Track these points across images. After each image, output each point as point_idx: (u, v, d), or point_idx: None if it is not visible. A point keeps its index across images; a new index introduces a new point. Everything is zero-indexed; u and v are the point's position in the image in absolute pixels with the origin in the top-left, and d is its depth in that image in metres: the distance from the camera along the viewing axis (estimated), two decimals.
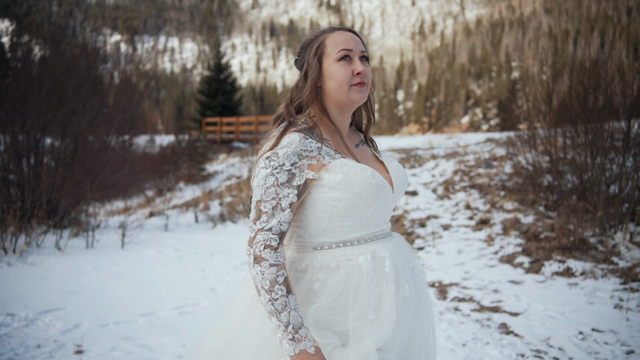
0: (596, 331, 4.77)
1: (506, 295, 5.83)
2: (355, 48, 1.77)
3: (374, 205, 1.73)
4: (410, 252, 1.90)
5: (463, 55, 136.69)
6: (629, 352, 4.32)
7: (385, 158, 1.94)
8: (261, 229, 1.62)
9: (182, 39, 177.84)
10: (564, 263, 6.70)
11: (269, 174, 1.62)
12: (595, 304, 5.46)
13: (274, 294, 1.57)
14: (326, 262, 1.71)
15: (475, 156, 12.88)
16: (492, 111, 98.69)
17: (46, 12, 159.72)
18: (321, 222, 1.71)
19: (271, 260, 1.60)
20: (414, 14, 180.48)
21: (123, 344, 4.12)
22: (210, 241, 8.36)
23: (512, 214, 8.78)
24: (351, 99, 1.76)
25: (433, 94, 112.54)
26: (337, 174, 1.67)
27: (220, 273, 6.47)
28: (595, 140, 8.10)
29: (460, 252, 7.53)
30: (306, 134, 1.70)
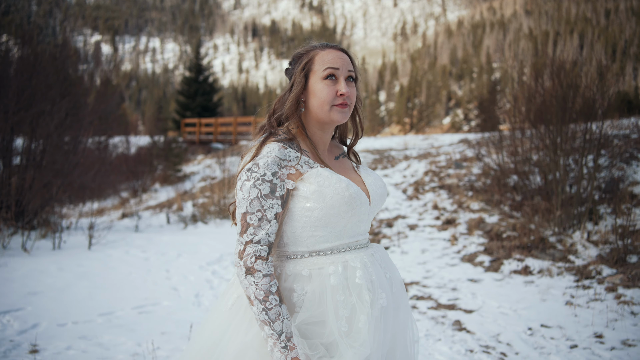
0: (544, 327, 4.92)
1: (463, 293, 5.97)
2: (342, 67, 1.80)
3: (347, 217, 1.74)
4: (387, 262, 1.90)
5: (444, 57, 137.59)
6: (572, 347, 4.48)
7: (362, 171, 1.96)
8: (250, 241, 1.65)
9: (164, 39, 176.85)
10: (523, 262, 6.87)
11: (252, 186, 1.65)
12: (547, 301, 5.63)
13: (268, 303, 1.61)
14: (298, 270, 1.73)
15: (447, 157, 13.07)
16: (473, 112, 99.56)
17: (25, 12, 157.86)
18: (295, 231, 1.74)
19: (264, 270, 1.63)
20: (395, 15, 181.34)
21: (79, 343, 4.18)
22: (179, 242, 8.42)
23: (478, 214, 8.95)
24: (332, 118, 1.79)
25: (415, 94, 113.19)
26: (311, 184, 1.70)
27: (185, 273, 6.53)
28: (561, 142, 8.29)
29: (424, 252, 7.67)
30: (285, 143, 1.73)
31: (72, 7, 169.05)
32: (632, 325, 4.81)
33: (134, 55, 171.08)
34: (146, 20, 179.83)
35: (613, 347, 4.41)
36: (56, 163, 8.77)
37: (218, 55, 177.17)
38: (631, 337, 4.54)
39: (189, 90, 35.92)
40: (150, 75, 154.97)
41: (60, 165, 8.75)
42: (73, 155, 9.17)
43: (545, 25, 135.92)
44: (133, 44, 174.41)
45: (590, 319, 5.00)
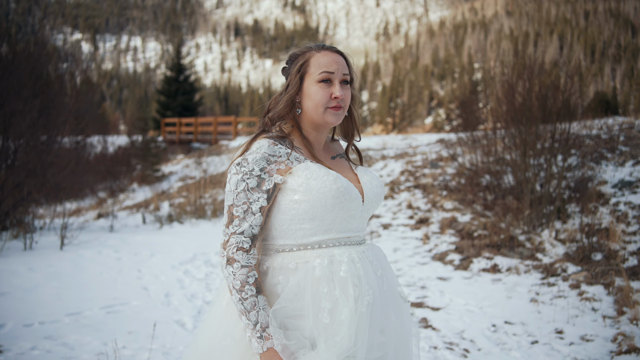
0: (508, 323, 5.02)
1: (432, 291, 6.06)
2: (337, 71, 1.82)
3: (335, 210, 1.75)
4: (381, 261, 1.89)
5: (427, 57, 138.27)
6: (533, 342, 4.58)
7: (360, 170, 1.98)
8: (234, 233, 1.69)
9: (145, 38, 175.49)
10: (492, 260, 6.98)
11: (239, 180, 1.70)
12: (513, 298, 5.73)
13: (244, 293, 1.65)
14: (285, 264, 1.75)
15: (423, 157, 13.18)
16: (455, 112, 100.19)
17: (3, 9, 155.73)
18: (283, 224, 1.77)
19: (243, 261, 1.67)
20: (378, 15, 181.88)
21: (44, 343, 4.18)
22: (153, 242, 8.41)
23: (451, 213, 9.06)
24: (326, 120, 1.82)
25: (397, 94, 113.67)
26: (299, 177, 1.73)
27: (156, 273, 6.54)
28: (532, 142, 8.42)
29: (396, 251, 7.75)
30: (276, 140, 1.77)
31: (51, 5, 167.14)
32: (592, 321, 4.93)
33: (115, 54, 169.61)
34: (127, 19, 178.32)
35: (572, 343, 4.51)
36: (29, 163, 8.71)
37: (200, 54, 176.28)
38: (590, 333, 4.65)
39: (169, 90, 35.75)
40: (132, 75, 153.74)
41: (33, 165, 8.70)
42: (47, 155, 9.12)
43: (525, 26, 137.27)
44: (114, 43, 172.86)
45: (552, 316, 5.11)
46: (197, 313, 5.19)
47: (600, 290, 5.63)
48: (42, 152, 8.99)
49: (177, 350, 4.20)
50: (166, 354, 4.09)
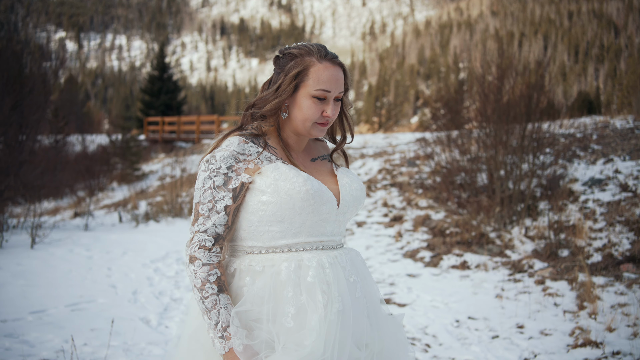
0: (471, 319, 5.09)
1: (400, 287, 6.11)
2: (334, 90, 1.75)
3: (305, 213, 1.70)
4: (356, 267, 1.82)
5: (412, 56, 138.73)
6: (494, 337, 4.65)
7: (340, 172, 1.90)
8: (198, 231, 1.67)
9: (130, 36, 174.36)
10: (461, 257, 7.05)
11: (207, 177, 1.67)
12: (479, 294, 5.80)
13: (204, 292, 1.62)
14: (252, 266, 1.72)
15: (402, 155, 13.26)
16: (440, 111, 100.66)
17: None
18: (251, 225, 1.73)
19: (204, 259, 1.64)
20: (364, 14, 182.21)
21: (3, 341, 4.17)
22: (127, 240, 8.40)
23: (425, 211, 9.13)
24: (310, 133, 1.78)
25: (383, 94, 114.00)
26: (268, 177, 1.68)
27: (126, 271, 6.54)
28: (505, 141, 8.51)
29: (368, 248, 7.81)
30: (248, 138, 1.72)
31: (34, 3, 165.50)
32: (553, 315, 5.01)
33: (99, 53, 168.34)
34: (112, 17, 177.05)
35: (531, 337, 4.59)
36: (0, 161, 8.65)
37: (186, 53, 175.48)
38: (549, 327, 4.73)
39: (152, 89, 35.57)
40: (117, 73, 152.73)
41: (4, 163, 8.64)
42: (19, 154, 9.06)
43: (510, 26, 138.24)
44: (99, 41, 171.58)
45: (515, 311, 5.18)
46: (164, 310, 5.20)
47: (564, 285, 5.72)
48: (14, 151, 8.93)
49: (139, 347, 4.21)
50: (127, 351, 4.10)
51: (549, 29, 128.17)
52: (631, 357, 4.01)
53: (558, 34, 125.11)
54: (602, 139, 10.72)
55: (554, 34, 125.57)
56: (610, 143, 10.22)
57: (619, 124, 12.70)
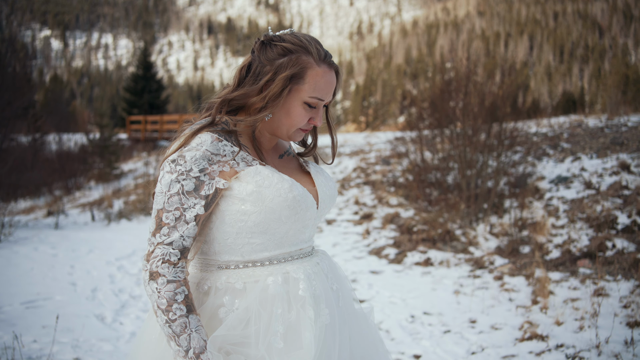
0: (426, 314, 5.14)
1: (361, 284, 6.16)
2: (328, 98, 1.60)
3: (290, 222, 1.53)
4: (334, 272, 1.70)
5: (400, 56, 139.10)
6: (445, 332, 4.70)
7: (312, 169, 1.73)
8: (161, 243, 1.43)
9: (117, 35, 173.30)
10: (425, 254, 7.11)
11: (173, 180, 1.43)
12: (437, 290, 5.86)
13: (171, 314, 1.40)
14: (231, 283, 1.52)
15: (377, 154, 13.32)
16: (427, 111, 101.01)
17: None
18: (227, 237, 1.52)
19: (169, 276, 1.42)
20: (352, 14, 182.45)
21: None
22: (95, 238, 8.38)
23: (395, 209, 9.19)
24: (291, 137, 1.63)
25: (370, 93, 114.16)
26: (248, 183, 1.48)
27: (89, 268, 6.53)
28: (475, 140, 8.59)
29: (335, 245, 7.84)
30: (221, 135, 1.51)
31: (19, 1, 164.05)
32: (506, 310, 5.07)
33: (85, 52, 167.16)
34: (98, 16, 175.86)
35: (482, 331, 4.65)
36: None
37: (173, 52, 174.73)
38: (500, 322, 4.79)
39: (135, 88, 35.44)
40: (103, 72, 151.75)
41: None
42: None
43: (497, 26, 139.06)
44: (84, 40, 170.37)
45: (469, 306, 5.24)
46: (121, 307, 5.21)
47: (521, 281, 5.79)
48: None
49: (89, 343, 4.22)
50: (75, 347, 4.11)
51: (535, 30, 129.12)
52: (573, 349, 4.08)
53: (544, 35, 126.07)
54: (572, 138, 10.85)
55: (539, 35, 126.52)
56: (579, 142, 10.34)
57: (592, 123, 12.86)
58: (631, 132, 10.16)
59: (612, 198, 7.24)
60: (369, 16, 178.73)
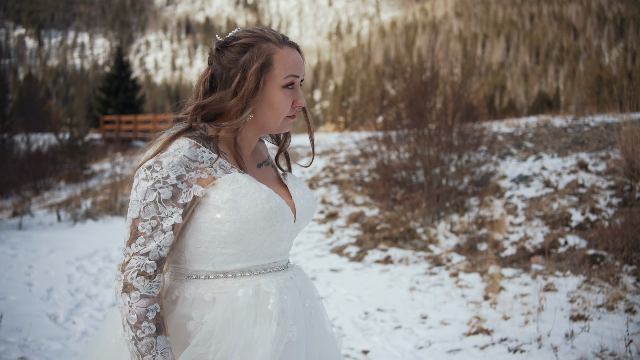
0: (380, 311, 5.21)
1: (320, 282, 6.21)
2: (301, 75, 1.54)
3: (265, 234, 1.48)
4: (308, 288, 1.64)
5: (378, 56, 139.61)
6: (396, 328, 4.78)
7: (290, 181, 1.68)
8: (136, 253, 1.38)
9: (93, 34, 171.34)
10: (386, 252, 7.20)
11: (149, 188, 1.38)
12: (394, 287, 5.94)
13: (139, 332, 1.35)
14: (200, 294, 1.46)
15: (347, 154, 13.40)
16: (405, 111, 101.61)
17: None
18: (199, 246, 1.47)
19: (143, 290, 1.37)
20: (330, 14, 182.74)
21: None
22: (57, 238, 8.32)
23: (360, 208, 9.27)
24: (280, 129, 1.57)
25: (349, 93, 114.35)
26: (225, 191, 1.43)
27: (47, 268, 6.49)
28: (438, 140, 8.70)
29: (298, 244, 7.89)
30: (199, 141, 1.46)
31: None
32: (458, 306, 5.17)
33: (61, 51, 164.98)
34: (74, 14, 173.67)
35: (431, 327, 4.73)
36: None
37: (150, 52, 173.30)
38: (450, 317, 4.88)
39: (110, 87, 35.13)
40: (79, 72, 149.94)
41: None
42: None
43: (474, 27, 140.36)
44: (60, 39, 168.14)
45: (422, 302, 5.33)
46: (75, 307, 5.20)
47: (476, 278, 5.90)
48: None
49: (38, 343, 4.21)
50: (23, 347, 4.10)
51: (511, 31, 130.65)
52: (516, 342, 4.18)
53: (520, 36, 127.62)
54: (536, 137, 11.04)
55: (516, 36, 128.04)
56: (542, 141, 10.53)
57: (558, 123, 13.09)
58: (592, 132, 10.37)
59: (569, 196, 7.40)
60: (347, 16, 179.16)
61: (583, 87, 54.51)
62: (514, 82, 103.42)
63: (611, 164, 7.80)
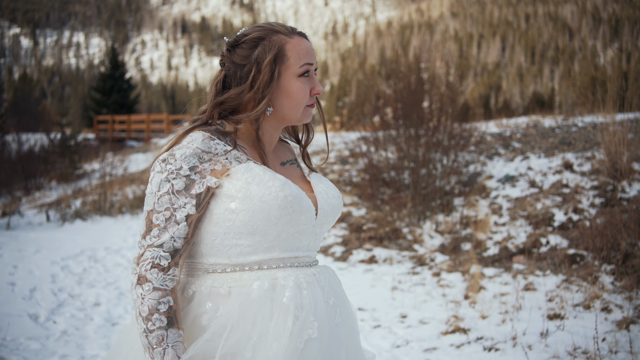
0: (361, 310, 5.25)
1: None
2: (314, 62, 1.56)
3: (281, 224, 1.44)
4: (335, 287, 1.58)
5: (374, 56, 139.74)
6: (375, 327, 4.81)
7: (313, 178, 1.68)
8: (151, 245, 1.39)
9: (89, 33, 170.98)
10: (371, 251, 7.23)
11: (163, 180, 1.39)
12: (376, 287, 5.98)
13: (150, 324, 1.35)
14: (216, 288, 1.44)
15: (337, 154, 13.43)
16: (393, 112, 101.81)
17: None
18: (215, 238, 1.45)
19: (156, 282, 1.37)
20: (326, 14, 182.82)
21: None
22: (45, 238, 8.33)
23: (348, 207, 9.30)
24: (301, 120, 1.57)
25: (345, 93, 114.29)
26: (238, 180, 1.42)
27: (32, 268, 6.50)
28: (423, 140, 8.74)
29: None
30: (214, 134, 1.47)
31: None
32: (438, 305, 5.21)
33: (56, 50, 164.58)
34: (69, 14, 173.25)
35: (410, 326, 4.77)
36: None
37: (146, 51, 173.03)
38: (429, 316, 4.92)
39: (104, 87, 35.10)
40: (74, 71, 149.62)
41: None
42: None
43: (470, 27, 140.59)
44: (55, 38, 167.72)
45: (403, 302, 5.37)
46: (57, 306, 5.22)
47: (458, 277, 5.94)
48: None
49: (16, 342, 4.24)
50: (0, 346, 4.12)
51: (507, 31, 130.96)
52: (491, 341, 4.22)
53: (515, 36, 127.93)
54: (524, 138, 11.10)
55: (511, 36, 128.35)
56: (530, 141, 10.59)
57: (548, 123, 13.15)
58: (580, 132, 10.43)
59: (553, 196, 7.45)
60: (343, 16, 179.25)
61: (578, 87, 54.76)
62: (509, 82, 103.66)
63: (595, 165, 7.85)
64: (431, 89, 9.49)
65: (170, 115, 27.31)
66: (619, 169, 7.07)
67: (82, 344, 4.34)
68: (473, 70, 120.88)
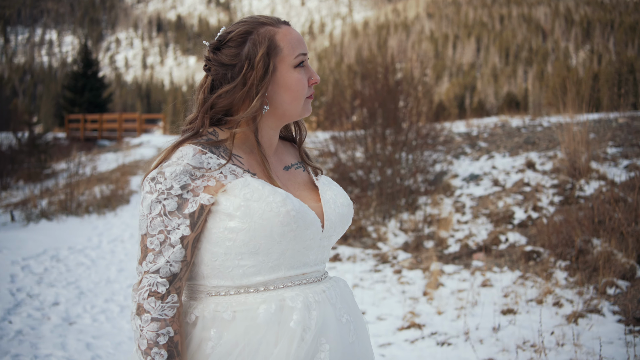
0: None
1: None
2: (306, 51, 1.46)
3: (285, 242, 1.34)
4: (347, 302, 1.49)
5: (351, 56, 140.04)
6: None
7: (321, 183, 1.54)
8: (147, 271, 1.30)
9: (61, 31, 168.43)
10: (335, 249, 7.29)
11: (154, 201, 1.30)
12: None
13: (149, 358, 1.28)
14: (219, 312, 1.35)
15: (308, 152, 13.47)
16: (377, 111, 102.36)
17: None
18: (215, 259, 1.35)
19: (154, 312, 1.29)
20: (303, 14, 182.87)
21: None
22: (6, 238, 8.21)
23: None
24: (302, 114, 1.47)
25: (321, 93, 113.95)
26: (236, 197, 1.32)
27: None
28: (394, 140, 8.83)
29: None
30: (205, 147, 1.36)
31: None
32: (396, 302, 5.28)
33: (28, 48, 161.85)
34: (42, 11, 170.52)
35: (367, 322, 4.81)
36: None
37: (121, 50, 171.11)
38: (387, 313, 4.99)
39: (76, 85, 34.66)
40: (47, 70, 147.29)
41: None
42: None
43: (445, 28, 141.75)
44: (27, 36, 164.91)
45: (362, 299, 5.42)
46: (14, 306, 5.16)
47: (419, 274, 6.02)
48: None
49: None
50: None
51: (482, 32, 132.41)
52: (445, 335, 4.30)
53: (490, 37, 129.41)
54: (491, 137, 11.26)
55: (486, 37, 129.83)
56: (496, 141, 10.75)
57: (515, 123, 13.37)
58: (544, 132, 10.63)
59: (514, 194, 7.58)
60: (320, 16, 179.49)
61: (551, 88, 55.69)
62: (484, 83, 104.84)
63: (556, 164, 8.01)
64: (407, 88, 9.59)
65: (143, 114, 27.13)
66: (577, 168, 7.23)
67: (37, 343, 4.31)
68: (448, 70, 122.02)
